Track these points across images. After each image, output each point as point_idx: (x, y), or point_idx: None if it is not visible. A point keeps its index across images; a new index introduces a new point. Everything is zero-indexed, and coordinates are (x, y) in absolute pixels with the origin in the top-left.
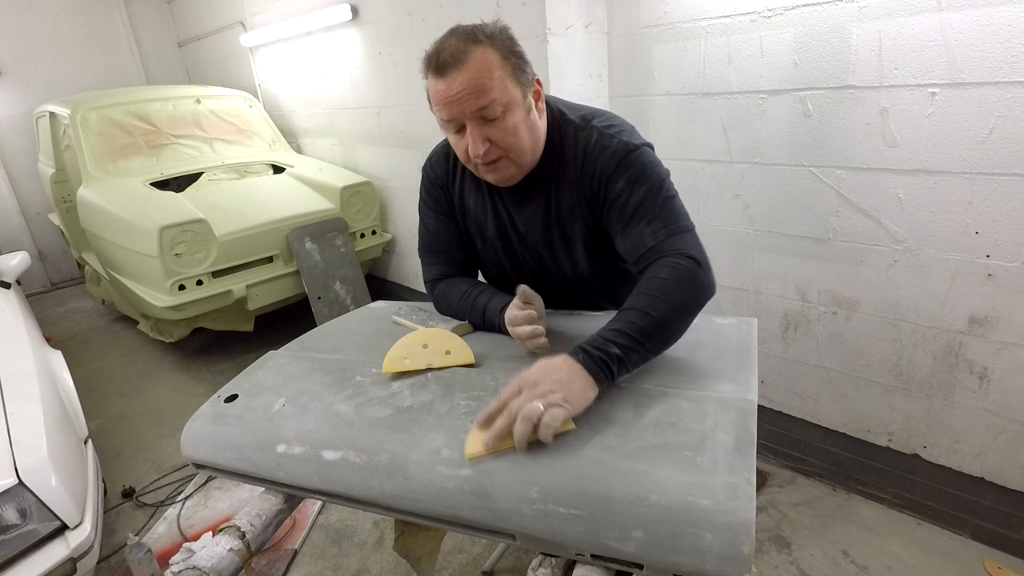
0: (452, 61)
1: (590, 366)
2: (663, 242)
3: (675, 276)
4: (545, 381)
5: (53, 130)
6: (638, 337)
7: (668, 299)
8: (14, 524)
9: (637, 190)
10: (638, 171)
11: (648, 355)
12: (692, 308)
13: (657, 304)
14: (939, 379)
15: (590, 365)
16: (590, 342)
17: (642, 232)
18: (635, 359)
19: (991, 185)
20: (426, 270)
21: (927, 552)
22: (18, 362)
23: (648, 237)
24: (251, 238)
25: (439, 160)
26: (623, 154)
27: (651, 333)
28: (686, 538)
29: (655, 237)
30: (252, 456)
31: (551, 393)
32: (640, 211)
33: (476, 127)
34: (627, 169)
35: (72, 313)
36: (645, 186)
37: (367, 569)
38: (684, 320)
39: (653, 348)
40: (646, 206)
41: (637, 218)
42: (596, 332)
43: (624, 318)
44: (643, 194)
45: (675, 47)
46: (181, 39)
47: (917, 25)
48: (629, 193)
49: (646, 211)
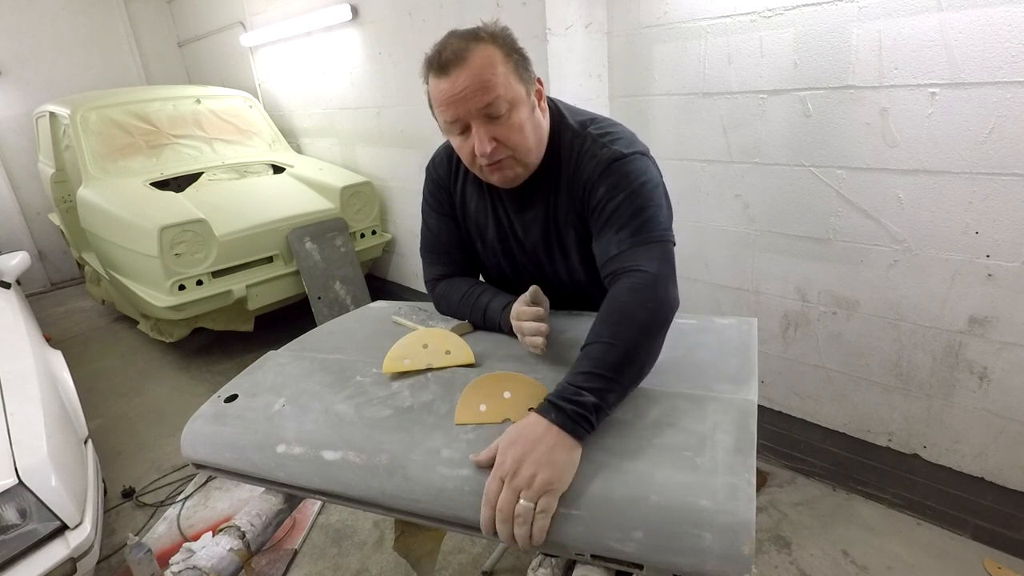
0: (455, 59)
1: (567, 425)
2: (625, 251)
3: (634, 296)
4: (524, 464)
5: (53, 130)
6: (610, 375)
7: (632, 323)
8: (14, 524)
9: (614, 197)
10: (619, 178)
11: (626, 389)
12: (658, 327)
13: (622, 331)
14: (939, 379)
15: (567, 424)
16: (560, 394)
17: (610, 240)
18: (612, 399)
19: (991, 185)
20: (427, 270)
21: (927, 552)
22: (18, 362)
23: (613, 245)
24: (251, 238)
25: (442, 161)
26: (608, 162)
27: (623, 365)
28: (686, 538)
29: (619, 246)
30: (252, 456)
31: (533, 478)
32: (613, 218)
33: (481, 125)
34: (609, 176)
35: (72, 313)
36: (623, 193)
37: (367, 569)
38: (653, 342)
39: (629, 381)
40: (619, 213)
41: (609, 224)
42: (565, 377)
43: (591, 355)
44: (619, 201)
45: (675, 47)
46: (181, 39)
47: (917, 25)
48: (607, 200)
49: (618, 218)
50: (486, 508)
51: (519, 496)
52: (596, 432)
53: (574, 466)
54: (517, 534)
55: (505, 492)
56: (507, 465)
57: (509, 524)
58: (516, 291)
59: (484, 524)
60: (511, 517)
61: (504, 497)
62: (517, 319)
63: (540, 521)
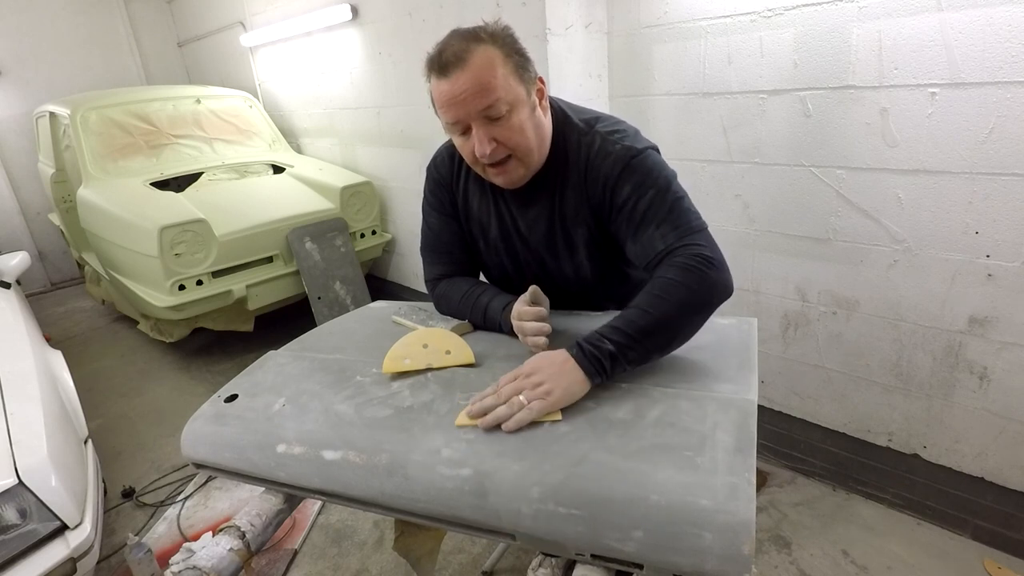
0: (455, 60)
1: (583, 362)
2: (674, 244)
3: (681, 275)
4: (539, 372)
5: (53, 130)
6: (634, 335)
7: (671, 298)
8: (14, 524)
9: (644, 194)
10: (643, 175)
11: (649, 354)
12: (699, 307)
13: (659, 303)
14: (939, 379)
15: (583, 361)
16: (587, 338)
17: (652, 236)
18: (632, 356)
19: (991, 185)
20: (428, 269)
21: (927, 552)
22: (18, 362)
23: (659, 241)
24: (251, 238)
25: (443, 160)
26: (627, 159)
27: (650, 331)
28: (686, 538)
29: (665, 240)
30: (252, 456)
31: (540, 385)
32: (649, 215)
33: (482, 127)
34: (632, 174)
35: (72, 313)
36: (652, 190)
37: (367, 569)
38: (690, 319)
39: (654, 347)
40: (654, 210)
41: (646, 223)
42: (596, 328)
43: (624, 316)
44: (651, 198)
45: (675, 47)
46: (181, 39)
47: (917, 25)
48: (637, 198)
49: (655, 215)
50: (492, 387)
51: (522, 391)
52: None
53: (573, 396)
54: (498, 410)
55: (513, 383)
56: (525, 369)
57: (499, 401)
58: (518, 290)
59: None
60: (505, 397)
61: (510, 385)
62: (519, 319)
63: (522, 413)
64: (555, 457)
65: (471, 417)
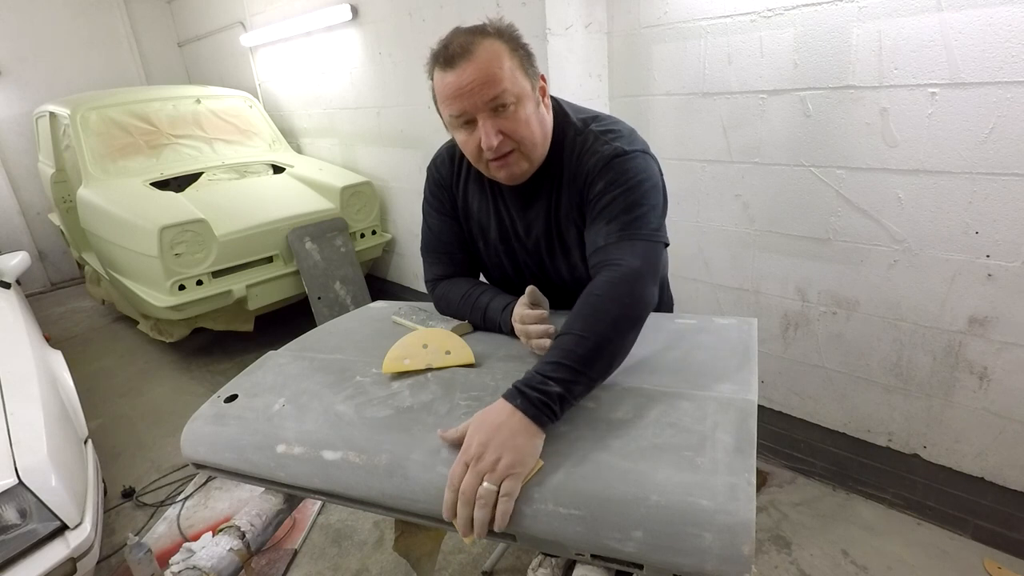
0: (461, 52)
1: (530, 412)
2: (612, 244)
3: (611, 290)
4: (488, 448)
5: (53, 130)
6: (577, 366)
7: (604, 317)
8: (14, 524)
9: (610, 191)
10: (618, 174)
11: (594, 381)
12: (631, 323)
13: (593, 324)
14: (939, 379)
15: (530, 411)
16: (527, 382)
17: (598, 231)
18: (578, 390)
19: (991, 185)
20: (427, 269)
21: (927, 552)
22: (18, 362)
23: (601, 237)
24: (251, 238)
25: (444, 161)
26: (609, 158)
27: (591, 358)
28: (686, 538)
29: (607, 238)
30: (252, 456)
31: (497, 463)
32: (605, 211)
33: (488, 119)
34: (609, 172)
35: (72, 313)
36: (620, 188)
37: (367, 569)
38: (624, 337)
39: (597, 373)
40: (612, 207)
41: (600, 217)
42: (535, 366)
43: (561, 345)
44: (614, 195)
45: (675, 47)
46: (181, 39)
47: (917, 25)
48: (603, 194)
49: (611, 212)
50: (449, 491)
51: (483, 480)
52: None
53: (536, 452)
54: (476, 516)
55: (469, 475)
56: (472, 450)
57: (470, 507)
58: (518, 290)
59: (446, 507)
60: (472, 500)
61: (467, 480)
62: (521, 322)
63: (503, 504)
64: (555, 457)
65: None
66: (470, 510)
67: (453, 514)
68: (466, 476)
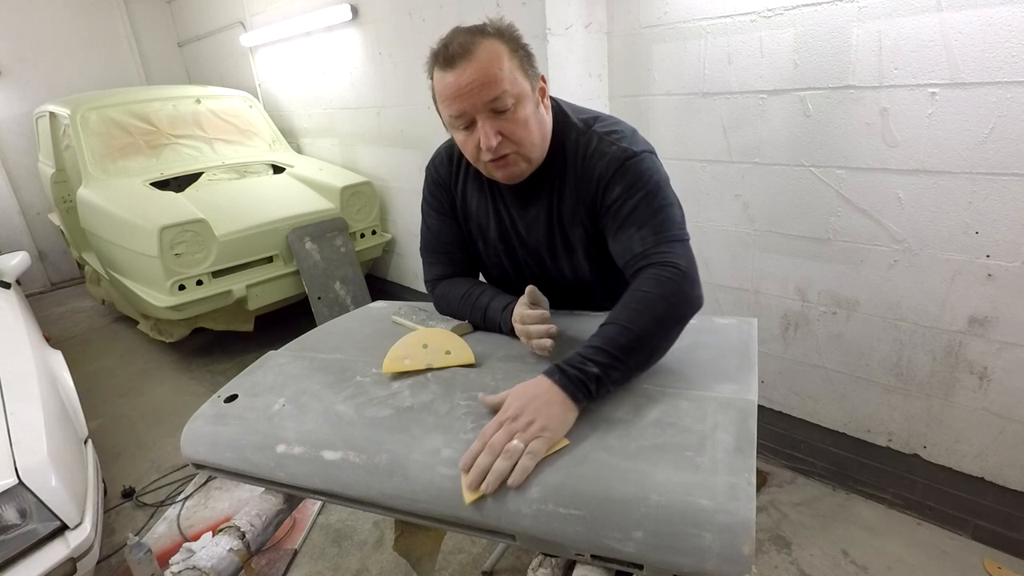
0: (461, 52)
1: (567, 387)
2: (651, 249)
3: (658, 288)
4: (525, 411)
5: (53, 130)
6: (618, 354)
7: (650, 313)
8: (14, 524)
9: (632, 195)
10: (635, 177)
11: (631, 371)
12: (676, 322)
13: (638, 318)
14: (939, 379)
15: (567, 386)
16: (568, 360)
17: (632, 237)
18: (616, 376)
19: (991, 185)
20: (427, 270)
21: (927, 552)
22: (18, 362)
23: (637, 243)
24: (251, 238)
25: (442, 160)
26: (621, 160)
27: (632, 349)
28: (686, 538)
29: (644, 243)
30: (252, 456)
31: (531, 424)
32: (633, 216)
33: (487, 119)
34: (624, 175)
35: (72, 313)
36: (641, 192)
37: (367, 569)
38: (668, 334)
39: (636, 364)
40: (639, 212)
41: (629, 223)
42: (576, 349)
43: (604, 333)
44: (638, 200)
45: (675, 47)
46: (181, 39)
47: (917, 25)
48: (625, 199)
49: (639, 216)
50: (478, 442)
51: (513, 437)
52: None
53: (567, 424)
54: (497, 465)
55: (501, 431)
56: (509, 411)
57: (494, 456)
58: (518, 290)
59: (468, 456)
60: (499, 451)
61: (499, 434)
62: (522, 323)
63: (525, 460)
64: (555, 457)
65: (470, 488)
66: (493, 459)
67: (469, 465)
68: (499, 432)
